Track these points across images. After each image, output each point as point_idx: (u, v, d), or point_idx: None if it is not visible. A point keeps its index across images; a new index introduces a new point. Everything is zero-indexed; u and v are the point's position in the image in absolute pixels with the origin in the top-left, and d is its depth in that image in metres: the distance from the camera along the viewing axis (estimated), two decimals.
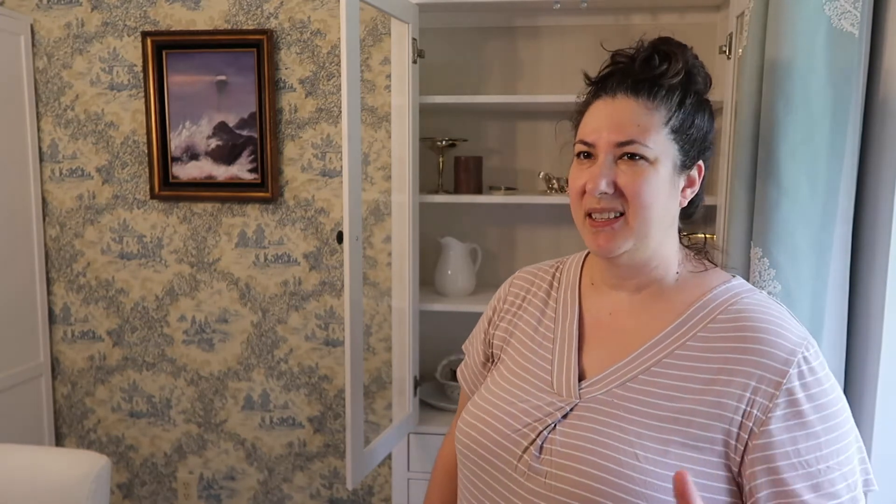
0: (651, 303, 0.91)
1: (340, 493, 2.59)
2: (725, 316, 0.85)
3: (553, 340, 0.96)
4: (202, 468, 2.66)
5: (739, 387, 0.80)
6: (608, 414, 0.85)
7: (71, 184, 2.58)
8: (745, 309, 0.85)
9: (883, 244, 1.34)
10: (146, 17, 2.47)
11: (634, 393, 0.85)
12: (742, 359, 0.81)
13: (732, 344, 0.83)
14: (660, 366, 0.85)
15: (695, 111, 0.90)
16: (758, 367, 0.80)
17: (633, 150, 0.87)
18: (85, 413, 2.69)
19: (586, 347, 0.94)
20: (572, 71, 2.27)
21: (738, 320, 0.84)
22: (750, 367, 0.80)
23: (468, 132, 2.32)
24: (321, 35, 2.40)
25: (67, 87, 2.54)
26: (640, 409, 0.84)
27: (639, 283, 0.93)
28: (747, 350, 0.81)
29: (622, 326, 0.92)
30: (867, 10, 1.29)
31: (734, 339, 0.83)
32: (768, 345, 0.81)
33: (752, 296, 0.88)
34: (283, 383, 2.57)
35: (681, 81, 0.89)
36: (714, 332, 0.85)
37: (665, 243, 0.92)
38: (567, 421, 0.87)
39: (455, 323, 2.40)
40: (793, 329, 0.84)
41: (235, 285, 2.55)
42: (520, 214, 2.37)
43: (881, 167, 1.35)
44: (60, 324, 2.66)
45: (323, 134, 2.44)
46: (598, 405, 0.87)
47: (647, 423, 0.82)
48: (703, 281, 0.90)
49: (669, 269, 0.92)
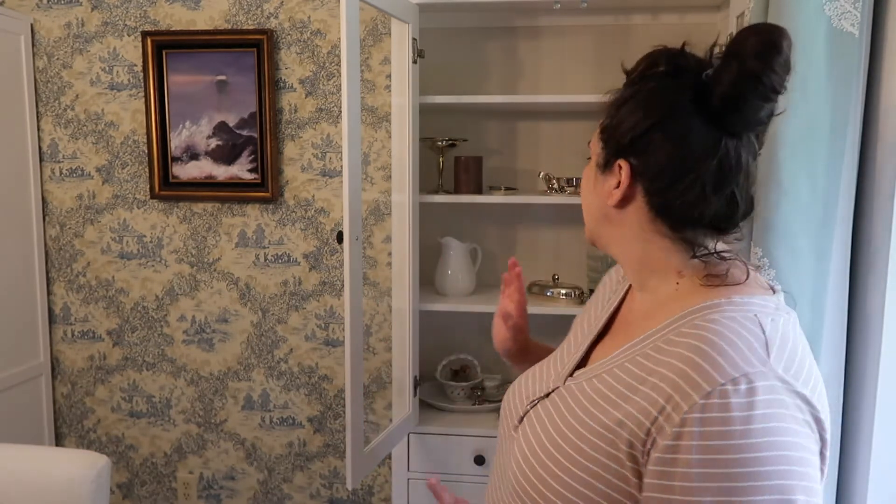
0: (652, 308, 0.89)
1: (340, 493, 2.59)
2: (686, 329, 0.79)
3: (592, 328, 1.00)
4: (202, 468, 2.66)
5: (651, 402, 0.76)
6: (566, 405, 0.87)
7: (71, 184, 2.58)
8: (701, 326, 0.78)
9: (883, 244, 1.34)
10: (146, 16, 2.47)
11: (590, 388, 0.85)
12: (667, 376, 0.76)
13: (670, 359, 0.77)
14: (618, 368, 0.84)
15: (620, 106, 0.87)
16: (673, 388, 0.74)
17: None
18: (85, 413, 2.69)
19: (603, 341, 0.97)
20: (572, 71, 2.27)
21: (693, 337, 0.77)
22: (668, 386, 0.75)
23: (468, 132, 2.32)
24: (321, 35, 2.40)
25: (67, 86, 2.54)
26: (585, 406, 0.84)
27: (640, 285, 0.92)
28: (675, 368, 0.75)
29: (631, 326, 0.92)
30: (867, 10, 1.29)
31: (675, 354, 0.77)
32: (693, 367, 0.74)
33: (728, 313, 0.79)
34: (283, 383, 2.57)
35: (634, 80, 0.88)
36: (669, 343, 0.79)
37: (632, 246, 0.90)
38: (545, 401, 0.92)
39: (455, 323, 2.40)
40: (736, 359, 0.73)
41: (235, 285, 2.55)
42: (520, 214, 2.37)
43: (881, 167, 1.35)
44: (60, 324, 2.66)
45: (323, 134, 2.44)
46: (566, 394, 0.89)
47: (583, 421, 0.82)
48: (701, 294, 0.84)
49: (663, 276, 0.88)
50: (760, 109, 0.79)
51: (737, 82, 0.77)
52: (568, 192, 2.14)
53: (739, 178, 0.83)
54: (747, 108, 0.79)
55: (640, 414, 0.76)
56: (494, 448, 2.08)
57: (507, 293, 1.26)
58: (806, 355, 0.79)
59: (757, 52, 0.76)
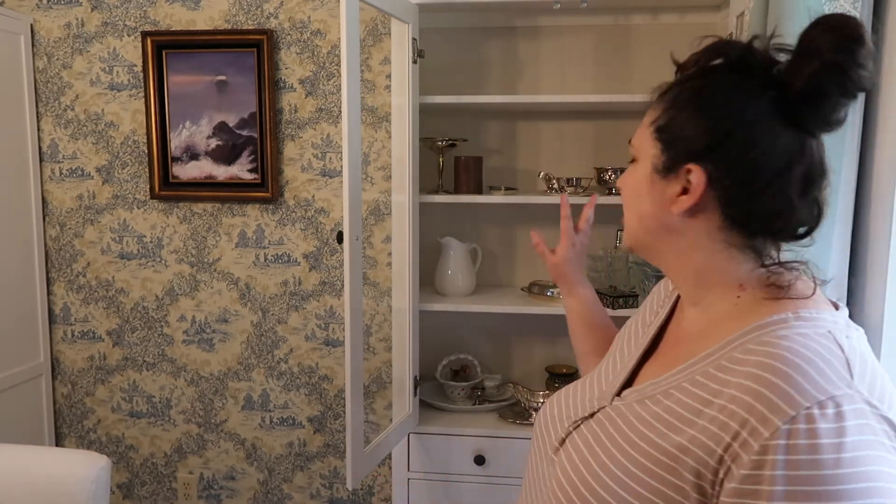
0: (708, 324, 0.83)
1: (340, 493, 2.59)
2: (753, 346, 0.73)
3: (639, 344, 0.95)
4: (202, 468, 2.66)
5: (721, 427, 0.70)
6: (616, 427, 0.81)
7: (71, 184, 2.58)
8: (772, 342, 0.71)
9: (883, 244, 1.34)
10: (146, 17, 2.47)
11: (645, 412, 0.79)
12: (737, 397, 0.70)
13: (739, 380, 0.71)
14: (676, 389, 0.77)
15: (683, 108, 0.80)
16: (748, 411, 0.68)
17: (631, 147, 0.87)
18: (85, 413, 2.69)
19: (651, 358, 0.91)
20: (572, 71, 2.27)
21: (762, 354, 0.71)
22: (741, 409, 0.69)
23: (468, 132, 2.32)
24: (321, 35, 2.40)
25: (67, 87, 2.54)
26: (640, 430, 0.77)
27: (694, 299, 0.86)
28: (748, 389, 0.69)
29: (683, 343, 0.86)
30: (867, 10, 1.29)
31: (744, 373, 0.71)
32: (770, 388, 0.68)
33: (799, 329, 0.72)
34: (283, 383, 2.57)
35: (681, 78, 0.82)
36: (735, 362, 0.73)
37: (693, 257, 0.83)
38: (589, 422, 0.86)
39: (455, 323, 2.40)
40: (818, 380, 0.67)
41: (235, 285, 2.55)
42: (520, 214, 2.37)
43: (881, 167, 1.35)
44: (60, 324, 2.66)
45: (323, 134, 2.44)
46: (615, 415, 0.83)
47: (639, 447, 0.76)
48: (766, 308, 0.77)
49: (723, 290, 0.82)
50: (840, 108, 0.73)
51: (818, 77, 0.71)
52: (568, 193, 2.14)
53: (823, 182, 0.78)
54: (827, 105, 0.73)
55: (710, 440, 0.70)
56: (494, 448, 2.10)
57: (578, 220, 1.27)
58: (884, 376, 0.72)
59: (838, 45, 0.70)
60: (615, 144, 2.28)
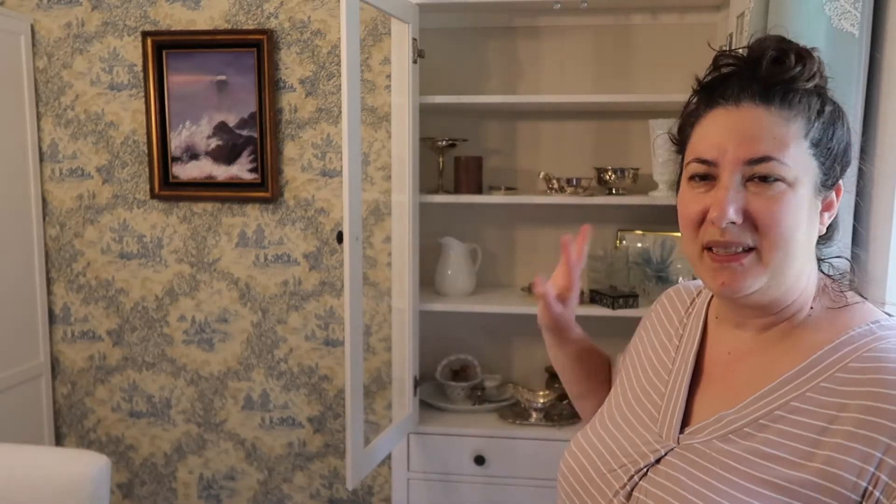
0: (775, 344, 0.78)
1: (340, 493, 2.59)
2: (858, 364, 0.70)
3: (670, 373, 0.87)
4: (202, 468, 2.66)
5: (860, 457, 0.65)
6: (702, 468, 0.74)
7: (71, 184, 2.58)
8: (883, 357, 0.69)
9: (883, 244, 1.34)
10: (146, 16, 2.47)
11: (737, 448, 0.73)
12: (868, 420, 0.66)
13: (859, 401, 0.67)
14: (770, 419, 0.72)
15: (834, 120, 0.76)
16: (887, 434, 0.65)
17: (769, 169, 0.72)
18: (85, 413, 2.69)
19: (701, 387, 0.84)
20: (572, 71, 2.27)
21: (873, 371, 0.68)
22: (876, 433, 0.65)
23: (468, 132, 2.32)
24: (321, 35, 2.40)
25: (67, 86, 2.54)
26: (738, 469, 0.71)
27: (766, 323, 0.80)
28: (877, 410, 0.66)
29: (739, 368, 0.80)
30: (867, 10, 1.29)
31: (863, 394, 0.67)
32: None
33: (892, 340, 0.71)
34: (283, 383, 2.57)
35: (817, 85, 0.75)
36: (841, 383, 0.70)
37: (801, 277, 0.78)
38: (659, 468, 0.78)
39: (455, 323, 2.40)
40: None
41: (235, 285, 2.55)
42: (520, 214, 2.37)
43: (881, 167, 1.35)
44: (60, 324, 2.66)
45: (323, 134, 2.44)
46: (694, 456, 0.76)
47: (744, 487, 0.70)
48: (841, 318, 0.75)
49: (804, 306, 0.78)
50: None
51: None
52: (568, 192, 2.14)
53: None
54: None
55: (845, 472, 0.66)
56: (494, 448, 2.10)
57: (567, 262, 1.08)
58: None
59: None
60: (615, 144, 2.28)
